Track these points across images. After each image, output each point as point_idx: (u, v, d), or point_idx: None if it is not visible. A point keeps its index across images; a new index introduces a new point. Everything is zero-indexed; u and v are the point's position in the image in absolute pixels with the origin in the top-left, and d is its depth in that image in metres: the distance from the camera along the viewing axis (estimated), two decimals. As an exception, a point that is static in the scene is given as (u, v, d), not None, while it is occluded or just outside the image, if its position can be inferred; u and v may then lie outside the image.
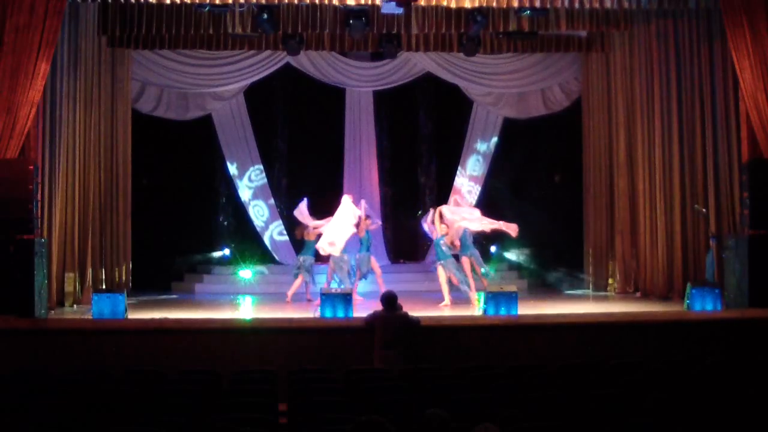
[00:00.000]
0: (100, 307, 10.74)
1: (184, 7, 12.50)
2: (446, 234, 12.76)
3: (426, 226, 13.22)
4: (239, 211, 15.74)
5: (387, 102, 16.09)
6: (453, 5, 11.85)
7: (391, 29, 13.19)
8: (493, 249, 15.17)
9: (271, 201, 15.87)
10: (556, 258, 15.50)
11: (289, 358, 9.34)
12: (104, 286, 13.19)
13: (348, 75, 15.73)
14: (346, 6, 12.29)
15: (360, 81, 15.79)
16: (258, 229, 15.87)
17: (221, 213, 15.86)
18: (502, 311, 10.94)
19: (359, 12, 12.52)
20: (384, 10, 12.14)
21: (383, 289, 11.30)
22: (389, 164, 16.18)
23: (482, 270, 13.16)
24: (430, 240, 15.84)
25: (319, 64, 15.46)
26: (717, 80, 12.88)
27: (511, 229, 13.12)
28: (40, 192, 11.12)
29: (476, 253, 13.14)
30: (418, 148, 16.21)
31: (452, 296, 12.55)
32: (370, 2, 11.96)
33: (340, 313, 10.68)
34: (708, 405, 5.79)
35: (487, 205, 16.03)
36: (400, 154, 16.19)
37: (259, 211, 15.91)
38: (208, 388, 7.09)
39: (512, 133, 16.10)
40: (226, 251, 15.01)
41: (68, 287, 12.54)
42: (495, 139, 16.08)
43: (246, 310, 12.98)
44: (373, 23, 12.88)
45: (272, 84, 15.68)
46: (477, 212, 13.31)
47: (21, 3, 10.53)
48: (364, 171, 15.84)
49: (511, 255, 15.43)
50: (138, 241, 14.50)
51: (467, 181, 16.08)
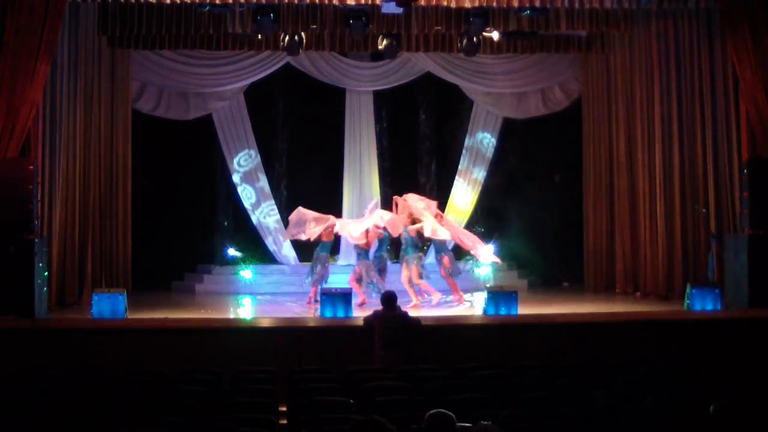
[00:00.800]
0: (100, 307, 10.74)
1: (184, 7, 12.50)
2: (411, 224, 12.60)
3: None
4: (239, 210, 15.71)
5: (387, 102, 16.06)
6: (453, 5, 11.86)
7: (391, 29, 13.19)
8: (492, 248, 15.13)
9: (271, 201, 15.83)
10: (555, 258, 15.49)
11: (289, 358, 9.34)
12: (104, 286, 13.18)
13: (348, 75, 15.70)
14: (346, 6, 12.29)
15: (360, 81, 15.77)
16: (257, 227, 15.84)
17: (221, 212, 15.84)
18: (502, 311, 10.95)
19: (359, 12, 12.52)
20: (384, 10, 12.15)
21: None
22: (389, 164, 16.15)
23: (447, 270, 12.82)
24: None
25: (319, 64, 15.45)
26: (717, 80, 12.88)
27: (483, 251, 12.98)
28: (40, 192, 11.13)
29: (416, 256, 12.79)
30: (418, 148, 16.19)
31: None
32: (370, 2, 11.97)
33: (340, 313, 10.68)
34: (708, 405, 5.78)
35: (487, 205, 16.08)
36: (400, 154, 16.15)
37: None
38: (208, 388, 7.08)
39: (512, 133, 16.09)
40: (231, 251, 14.98)
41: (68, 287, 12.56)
42: (495, 139, 16.06)
43: (246, 310, 12.97)
44: (373, 23, 12.88)
45: (272, 84, 15.66)
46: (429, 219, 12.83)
47: (21, 3, 10.54)
48: (364, 171, 15.81)
49: (511, 255, 15.41)
50: (138, 241, 14.50)
51: (467, 181, 16.03)
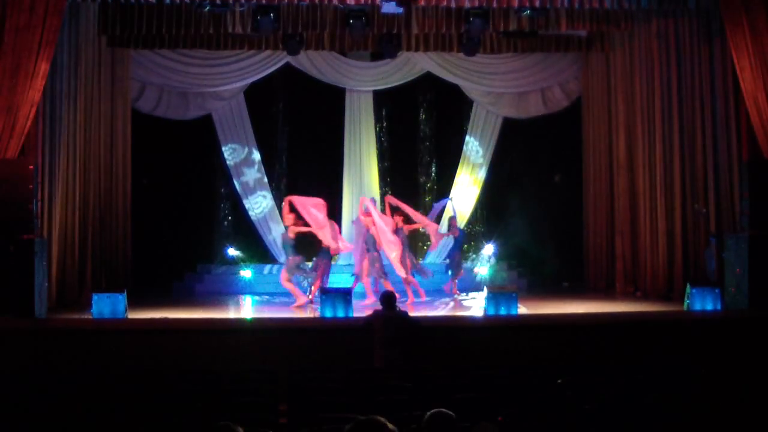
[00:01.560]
0: (100, 307, 10.74)
1: (184, 7, 12.50)
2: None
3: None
4: (239, 210, 15.70)
5: (387, 102, 16.06)
6: (453, 5, 11.85)
7: (391, 29, 13.19)
8: (492, 248, 15.14)
9: (271, 201, 15.82)
10: (556, 258, 15.49)
11: (289, 358, 9.34)
12: (104, 286, 13.17)
13: (348, 75, 15.70)
14: (346, 6, 12.29)
15: (360, 81, 15.77)
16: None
17: (221, 212, 15.83)
18: (502, 311, 10.95)
19: (359, 12, 12.52)
20: (384, 10, 12.15)
21: None
22: (389, 164, 16.16)
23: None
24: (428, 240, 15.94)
25: (319, 64, 15.45)
26: (717, 80, 12.87)
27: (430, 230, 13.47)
28: (40, 192, 11.13)
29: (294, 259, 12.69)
30: (418, 148, 16.19)
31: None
32: (370, 2, 11.97)
33: (340, 313, 10.68)
34: (708, 405, 5.79)
35: (486, 205, 16.08)
36: (400, 154, 16.15)
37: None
38: (208, 388, 7.08)
39: (512, 132, 16.09)
40: (231, 251, 14.97)
41: (68, 287, 12.55)
42: (495, 139, 16.05)
43: (246, 310, 12.96)
44: (373, 23, 12.88)
45: (272, 84, 15.67)
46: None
47: (21, 3, 10.53)
48: (364, 171, 15.81)
49: (511, 254, 15.41)
50: (138, 241, 14.50)
51: (467, 181, 16.03)
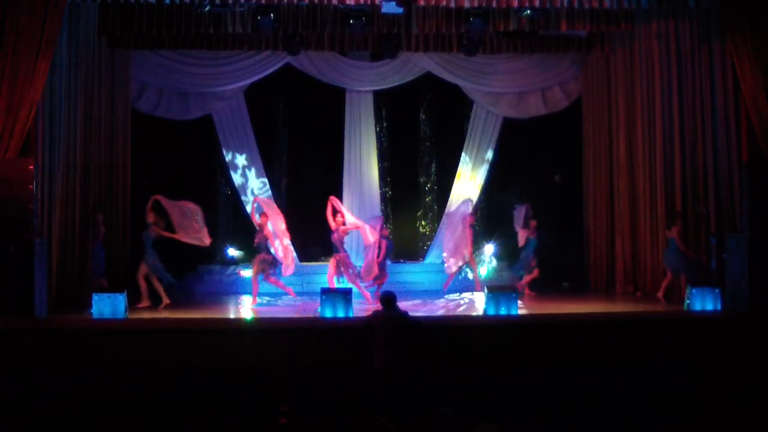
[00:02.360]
0: (100, 307, 10.75)
1: (184, 7, 12.49)
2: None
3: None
4: (239, 210, 15.70)
5: (387, 102, 16.06)
6: (453, 5, 11.85)
7: (391, 29, 13.19)
8: (492, 248, 15.15)
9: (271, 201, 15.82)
10: (556, 258, 15.48)
11: (289, 358, 9.35)
12: (104, 286, 13.14)
13: (348, 75, 15.69)
14: (346, 6, 12.28)
15: (360, 81, 15.76)
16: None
17: (221, 212, 15.83)
18: (502, 311, 10.95)
19: (359, 12, 12.52)
20: (384, 10, 12.15)
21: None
22: (389, 164, 16.16)
23: None
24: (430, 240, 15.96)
25: (319, 64, 15.44)
26: (717, 80, 12.87)
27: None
28: (40, 192, 11.13)
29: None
30: (418, 148, 16.18)
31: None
32: (370, 2, 11.97)
33: (340, 313, 10.69)
34: (707, 405, 5.79)
35: (486, 205, 16.07)
36: (400, 154, 16.15)
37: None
38: (208, 388, 7.09)
39: (512, 132, 16.09)
40: (231, 251, 14.97)
41: (68, 287, 12.54)
42: (495, 139, 16.04)
43: (246, 310, 12.96)
44: (373, 23, 12.88)
45: (272, 84, 15.66)
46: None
47: (21, 3, 10.54)
48: (364, 171, 15.80)
49: (511, 254, 15.40)
50: (138, 241, 14.47)
51: (467, 181, 16.02)
